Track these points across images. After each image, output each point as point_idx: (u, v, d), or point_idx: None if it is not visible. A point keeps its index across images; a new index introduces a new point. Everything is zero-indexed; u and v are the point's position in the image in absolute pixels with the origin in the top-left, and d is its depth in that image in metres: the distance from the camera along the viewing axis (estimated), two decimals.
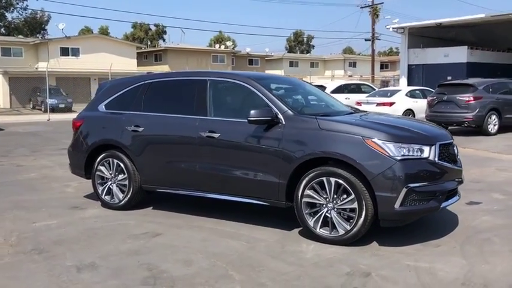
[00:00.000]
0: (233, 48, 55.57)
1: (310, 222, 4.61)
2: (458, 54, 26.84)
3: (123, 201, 5.81)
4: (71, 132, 6.49)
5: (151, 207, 5.94)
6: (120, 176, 5.81)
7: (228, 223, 5.25)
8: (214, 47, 53.90)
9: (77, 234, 4.95)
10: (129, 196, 5.77)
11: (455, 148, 4.96)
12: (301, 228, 4.89)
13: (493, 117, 14.07)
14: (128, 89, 6.01)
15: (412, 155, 4.35)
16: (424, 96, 16.90)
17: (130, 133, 5.69)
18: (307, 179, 4.58)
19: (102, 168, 5.95)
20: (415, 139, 4.47)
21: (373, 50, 45.23)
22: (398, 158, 4.28)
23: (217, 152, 5.13)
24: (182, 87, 5.69)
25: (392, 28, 28.72)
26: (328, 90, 17.73)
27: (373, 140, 4.35)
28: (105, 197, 5.96)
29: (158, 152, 5.56)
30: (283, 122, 4.76)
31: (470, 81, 14.97)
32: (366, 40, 45.28)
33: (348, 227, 4.42)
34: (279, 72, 51.64)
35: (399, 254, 4.27)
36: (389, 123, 4.84)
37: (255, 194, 4.96)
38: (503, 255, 4.24)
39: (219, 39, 67.00)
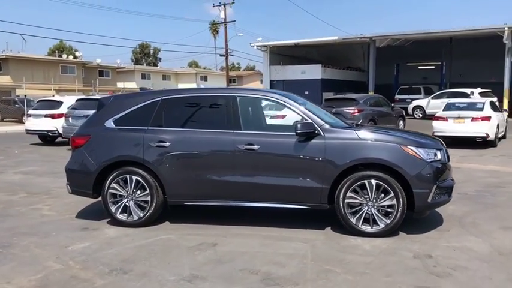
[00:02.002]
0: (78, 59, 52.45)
1: (353, 220, 5.33)
2: (314, 72, 29.97)
3: (143, 218, 5.76)
4: None
5: (168, 222, 5.98)
6: (140, 193, 5.75)
7: (263, 229, 5.64)
8: (59, 56, 50.22)
9: (135, 252, 4.87)
10: (150, 212, 5.75)
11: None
12: (330, 226, 5.60)
13: None
14: (141, 105, 5.97)
15: (434, 158, 5.40)
16: None
17: (154, 149, 5.69)
18: (349, 182, 5.30)
19: (115, 185, 5.81)
20: (432, 145, 5.54)
21: (227, 65, 47.39)
22: (429, 160, 5.28)
23: (257, 163, 5.52)
24: (209, 103, 5.92)
25: (257, 46, 30.79)
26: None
27: (408, 146, 5.29)
28: (120, 215, 5.82)
29: (188, 166, 5.68)
30: (323, 134, 5.41)
31: (353, 96, 17.24)
32: (221, 56, 47.25)
33: (388, 221, 5.26)
34: (130, 85, 50.55)
35: (430, 239, 5.24)
36: (407, 134, 5.85)
37: (296, 200, 5.49)
38: (499, 231, 5.51)
39: (60, 49, 62.62)
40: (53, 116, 16.05)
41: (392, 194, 5.23)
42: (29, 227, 5.89)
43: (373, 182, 5.26)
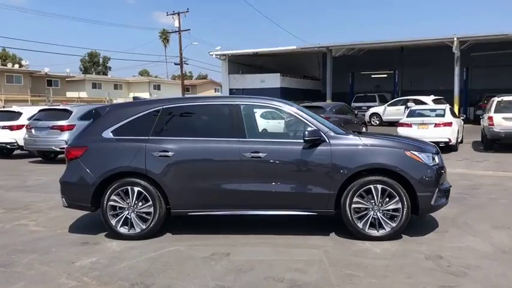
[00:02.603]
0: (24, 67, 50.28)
1: (360, 224, 5.44)
2: (273, 80, 30.36)
3: (146, 230, 5.62)
4: None
5: (170, 233, 5.85)
6: (142, 204, 5.61)
7: (269, 237, 5.64)
8: (3, 65, 47.96)
9: (148, 265, 4.74)
10: (153, 223, 5.62)
11: None
12: (334, 231, 5.70)
13: None
14: (140, 114, 5.84)
15: (434, 162, 5.61)
16: None
17: (157, 159, 5.57)
18: (356, 187, 5.41)
19: (115, 198, 5.64)
20: (431, 150, 5.75)
21: (182, 74, 47.02)
22: (430, 164, 5.49)
23: (264, 170, 5.52)
24: (212, 111, 5.87)
25: (215, 55, 30.79)
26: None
27: (411, 151, 5.47)
28: (121, 228, 5.65)
29: (193, 176, 5.60)
30: (328, 140, 5.50)
31: (320, 104, 17.58)
32: (175, 64, 46.79)
33: (394, 224, 5.41)
34: (81, 94, 49.06)
35: (434, 241, 5.43)
36: (405, 139, 6.05)
37: (304, 206, 5.53)
38: (492, 231, 5.79)
39: (3, 57, 59.89)
40: (11, 128, 15.26)
41: (397, 198, 5.38)
42: (23, 243, 5.60)
43: (379, 186, 5.40)
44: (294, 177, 5.52)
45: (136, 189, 5.61)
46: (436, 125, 14.48)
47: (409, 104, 22.77)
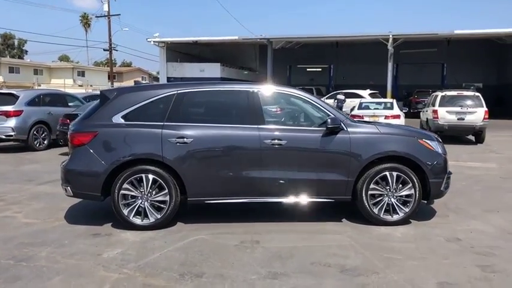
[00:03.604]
0: None
1: (375, 210, 5.62)
2: (213, 70, 30.12)
3: (160, 219, 5.40)
4: None
5: (182, 223, 5.66)
6: (156, 192, 5.38)
7: (284, 224, 5.65)
8: None
9: (184, 255, 4.57)
10: (169, 212, 5.42)
11: None
12: (344, 217, 5.85)
13: None
14: (153, 99, 5.56)
15: (443, 150, 5.91)
16: None
17: (174, 145, 5.36)
18: (372, 174, 5.57)
19: (128, 186, 5.35)
20: (436, 139, 6.05)
21: (111, 60, 45.11)
22: (440, 152, 5.78)
23: (284, 158, 5.51)
24: (229, 97, 5.73)
25: (153, 42, 29.88)
26: None
27: (424, 140, 5.72)
28: (134, 218, 5.38)
29: (212, 163, 5.45)
30: (346, 128, 5.60)
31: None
32: (104, 50, 44.75)
33: (407, 210, 5.64)
34: None
35: (443, 224, 5.72)
36: (411, 128, 6.30)
37: (323, 193, 5.60)
38: (486, 214, 6.19)
39: None
40: None
41: (410, 185, 5.61)
42: (27, 236, 5.15)
43: (394, 173, 5.59)
44: (314, 165, 5.56)
45: (151, 176, 5.35)
46: (386, 117, 15.19)
47: (338, 96, 23.41)
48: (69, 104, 14.65)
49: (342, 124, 5.60)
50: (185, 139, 5.38)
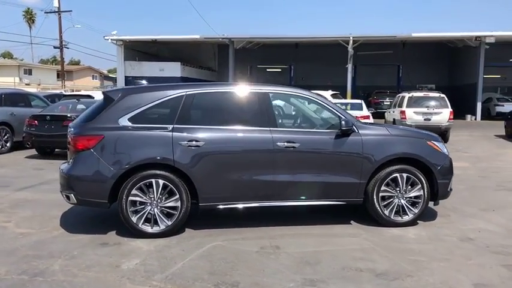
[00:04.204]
0: None
1: (386, 212, 5.63)
2: (173, 69, 29.61)
3: (171, 226, 5.16)
4: None
5: (191, 229, 5.45)
6: (166, 198, 5.14)
7: (296, 228, 5.57)
8: None
9: (210, 264, 4.36)
10: (180, 219, 5.19)
11: None
12: (351, 220, 5.84)
13: None
14: (161, 100, 5.31)
15: (448, 152, 6.01)
16: None
17: (186, 149, 5.14)
18: (383, 176, 5.58)
19: (137, 192, 5.08)
20: (440, 140, 6.14)
21: (62, 58, 43.44)
22: (446, 153, 5.87)
23: (298, 160, 5.41)
24: (240, 99, 5.54)
25: (111, 40, 28.96)
26: None
27: (432, 141, 5.79)
28: (143, 225, 5.11)
29: (226, 166, 5.27)
30: (357, 131, 5.58)
31: None
32: (55, 47, 42.95)
33: (416, 211, 5.69)
34: None
35: (448, 224, 5.82)
36: (420, 130, 6.37)
37: (335, 196, 5.55)
38: (483, 213, 6.37)
39: None
40: None
41: (419, 186, 5.66)
42: (29, 248, 4.77)
43: (404, 175, 5.63)
44: (327, 168, 5.50)
45: (161, 182, 5.11)
46: (357, 118, 15.41)
47: None
48: (32, 103, 13.89)
49: (354, 126, 5.57)
50: (197, 142, 5.17)
